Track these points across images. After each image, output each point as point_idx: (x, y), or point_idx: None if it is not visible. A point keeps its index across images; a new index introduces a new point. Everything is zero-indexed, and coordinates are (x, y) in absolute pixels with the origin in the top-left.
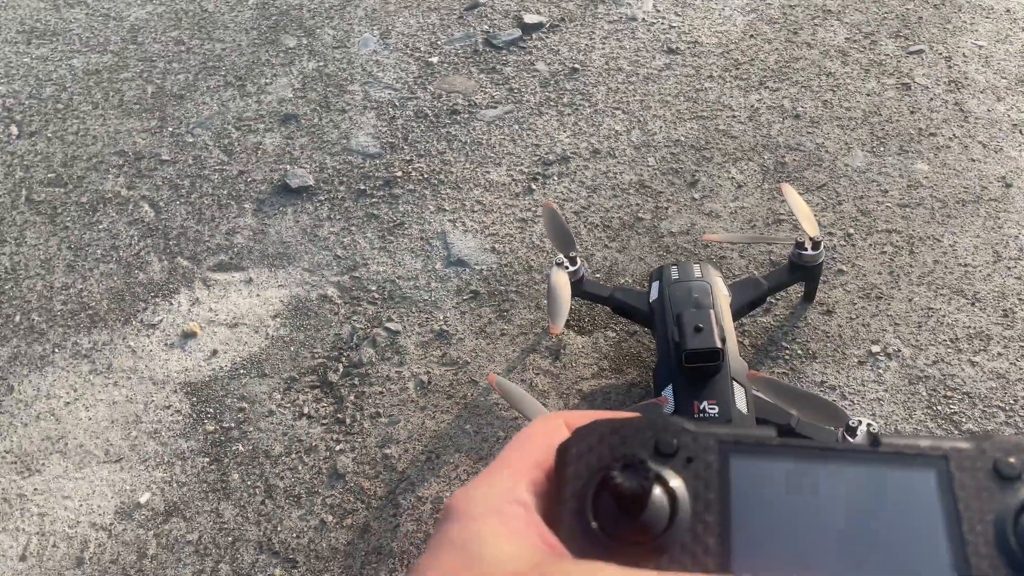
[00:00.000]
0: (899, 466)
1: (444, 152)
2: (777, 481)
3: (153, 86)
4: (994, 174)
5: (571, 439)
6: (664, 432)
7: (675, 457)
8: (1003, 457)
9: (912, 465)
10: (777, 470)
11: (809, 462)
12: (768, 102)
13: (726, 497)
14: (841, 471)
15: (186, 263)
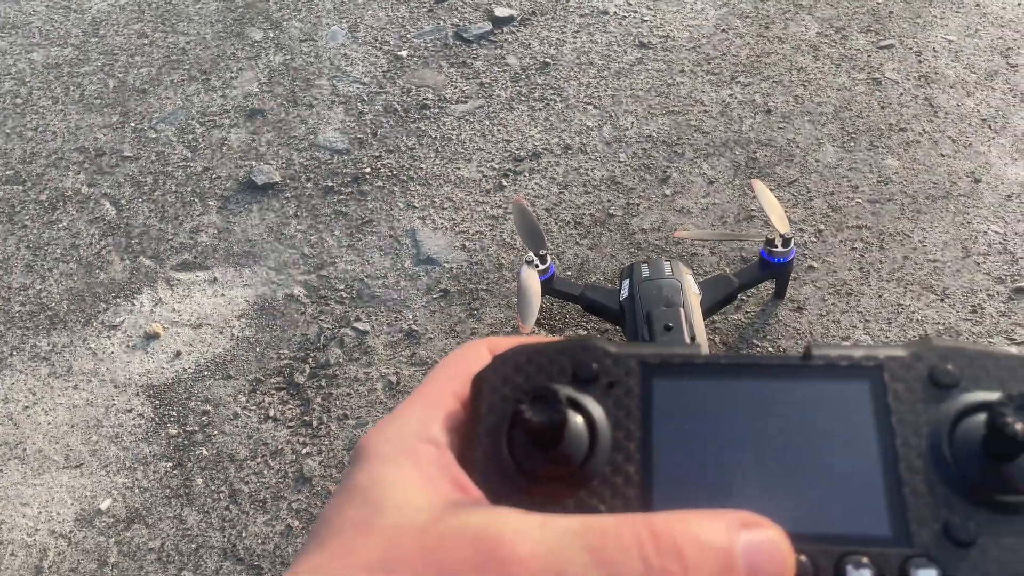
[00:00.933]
0: (831, 379)
1: (413, 148)
2: (703, 402)
3: (115, 80)
4: (963, 169)
5: (486, 369)
6: (583, 356)
7: (595, 383)
8: (940, 364)
9: (844, 377)
10: (703, 390)
11: (737, 379)
12: (740, 97)
13: (647, 423)
14: (771, 387)
15: (149, 262)
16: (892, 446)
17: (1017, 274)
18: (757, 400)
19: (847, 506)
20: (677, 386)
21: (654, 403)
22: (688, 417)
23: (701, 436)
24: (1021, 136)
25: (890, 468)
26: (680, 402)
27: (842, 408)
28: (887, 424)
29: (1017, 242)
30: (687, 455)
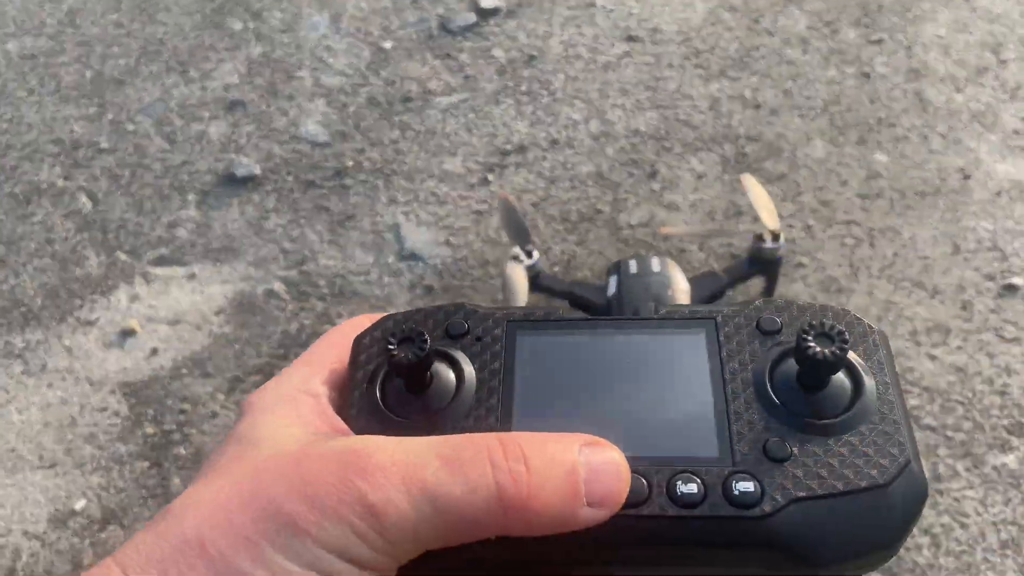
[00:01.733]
0: (673, 329)
1: (397, 141)
2: (561, 352)
3: (92, 71)
4: (953, 165)
5: (366, 330)
6: (455, 316)
7: (464, 337)
8: (767, 315)
9: (685, 327)
10: (562, 342)
11: (591, 331)
12: (729, 91)
13: (510, 370)
14: (622, 338)
15: (125, 257)
16: (723, 383)
17: (1007, 270)
18: (609, 349)
19: (682, 434)
20: (538, 339)
21: (516, 353)
22: (546, 365)
23: (557, 380)
24: (1011, 132)
25: (720, 401)
26: (540, 352)
27: (682, 353)
28: (719, 366)
29: (1006, 239)
30: (543, 396)
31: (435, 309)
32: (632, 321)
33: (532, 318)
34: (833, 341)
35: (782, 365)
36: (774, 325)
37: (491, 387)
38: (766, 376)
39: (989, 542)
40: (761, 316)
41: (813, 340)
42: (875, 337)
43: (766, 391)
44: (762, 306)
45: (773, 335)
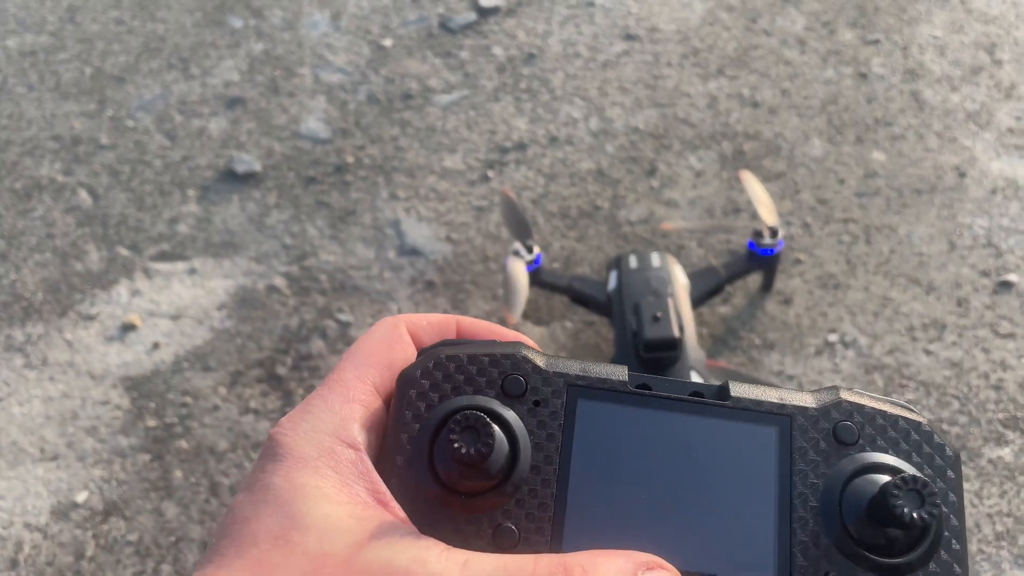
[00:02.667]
0: (744, 421)
1: (397, 138)
2: (621, 430)
3: (92, 68)
4: (949, 164)
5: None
6: (514, 371)
7: (522, 399)
8: (843, 420)
9: (756, 421)
10: (622, 418)
11: (656, 410)
12: (727, 90)
13: (568, 447)
14: (686, 422)
15: (126, 252)
16: (789, 495)
17: (1002, 267)
18: (672, 434)
19: (738, 550)
20: (599, 412)
21: (576, 427)
22: (605, 445)
23: (615, 466)
24: (1005, 131)
25: (784, 516)
26: (600, 429)
27: (749, 451)
28: (788, 473)
29: (1001, 235)
30: (600, 484)
31: (491, 358)
32: (701, 405)
33: (595, 385)
34: (923, 501)
35: (854, 486)
36: (851, 435)
37: (547, 469)
38: (836, 496)
39: (984, 534)
40: (838, 421)
41: (902, 497)
42: (952, 462)
43: (834, 514)
44: (837, 405)
45: (849, 447)
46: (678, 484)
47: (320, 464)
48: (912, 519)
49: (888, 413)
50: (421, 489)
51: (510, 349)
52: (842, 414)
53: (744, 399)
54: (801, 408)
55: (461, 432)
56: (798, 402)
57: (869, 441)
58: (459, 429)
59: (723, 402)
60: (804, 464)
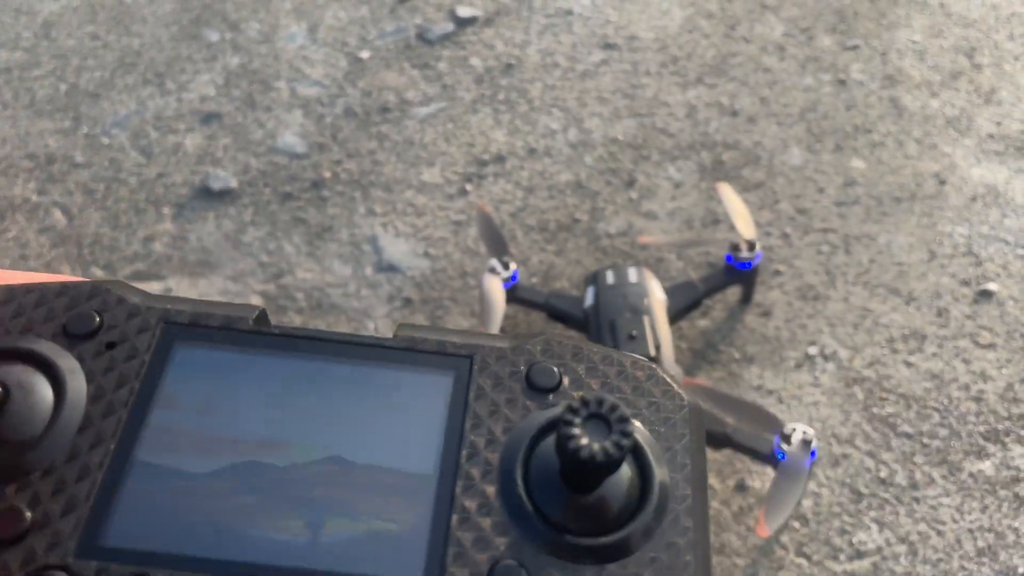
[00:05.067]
0: (408, 366)
1: (375, 152)
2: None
3: (67, 84)
4: (928, 171)
5: None
6: (85, 304)
7: (90, 339)
8: (542, 362)
9: (425, 365)
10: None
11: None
12: (706, 99)
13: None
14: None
15: (100, 273)
16: (455, 459)
17: (982, 276)
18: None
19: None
20: (206, 356)
21: (167, 374)
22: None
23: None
24: (985, 137)
25: (445, 490)
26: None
27: (412, 407)
28: (459, 430)
29: (982, 244)
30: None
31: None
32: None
33: (203, 322)
34: (611, 429)
35: (547, 443)
36: (550, 379)
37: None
38: (518, 460)
39: (966, 549)
40: (534, 364)
41: (579, 425)
42: (683, 414)
43: (513, 480)
44: (541, 347)
45: (545, 394)
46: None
47: None
48: (592, 454)
49: (605, 354)
50: None
51: (98, 281)
52: (544, 355)
53: (412, 338)
54: (489, 348)
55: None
56: (487, 342)
57: (575, 388)
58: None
59: (381, 341)
60: (484, 417)
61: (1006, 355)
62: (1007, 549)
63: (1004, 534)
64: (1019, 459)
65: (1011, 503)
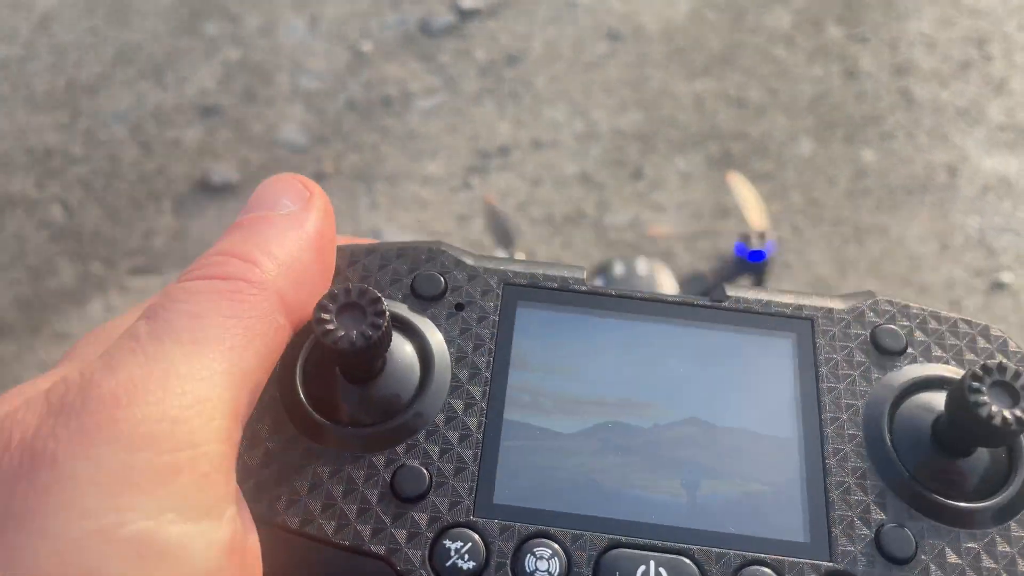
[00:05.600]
0: (748, 326)
1: (377, 145)
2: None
3: (65, 78)
4: (939, 162)
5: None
6: (428, 266)
7: (439, 301)
8: (884, 324)
9: (766, 327)
10: (582, 327)
11: (627, 317)
12: (713, 90)
13: (504, 362)
14: (668, 332)
15: (100, 267)
16: (818, 422)
17: (995, 267)
18: (648, 348)
19: (753, 500)
20: (548, 317)
21: (515, 336)
22: (555, 361)
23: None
24: (996, 127)
25: (813, 451)
26: (547, 339)
27: (759, 367)
28: (814, 393)
29: (994, 234)
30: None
31: (398, 250)
32: (685, 307)
33: (540, 284)
34: (1018, 398)
35: (908, 407)
36: (897, 342)
37: (472, 383)
38: (885, 422)
39: None
40: (877, 325)
41: (987, 392)
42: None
43: (883, 445)
44: (874, 308)
45: (895, 356)
46: (658, 415)
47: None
48: (1004, 421)
49: (943, 315)
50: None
51: (427, 243)
52: (882, 316)
53: (747, 299)
54: (825, 310)
55: (338, 312)
56: (821, 303)
57: (921, 350)
58: (333, 308)
59: (718, 303)
60: (835, 380)
61: None
62: None
63: None
64: None
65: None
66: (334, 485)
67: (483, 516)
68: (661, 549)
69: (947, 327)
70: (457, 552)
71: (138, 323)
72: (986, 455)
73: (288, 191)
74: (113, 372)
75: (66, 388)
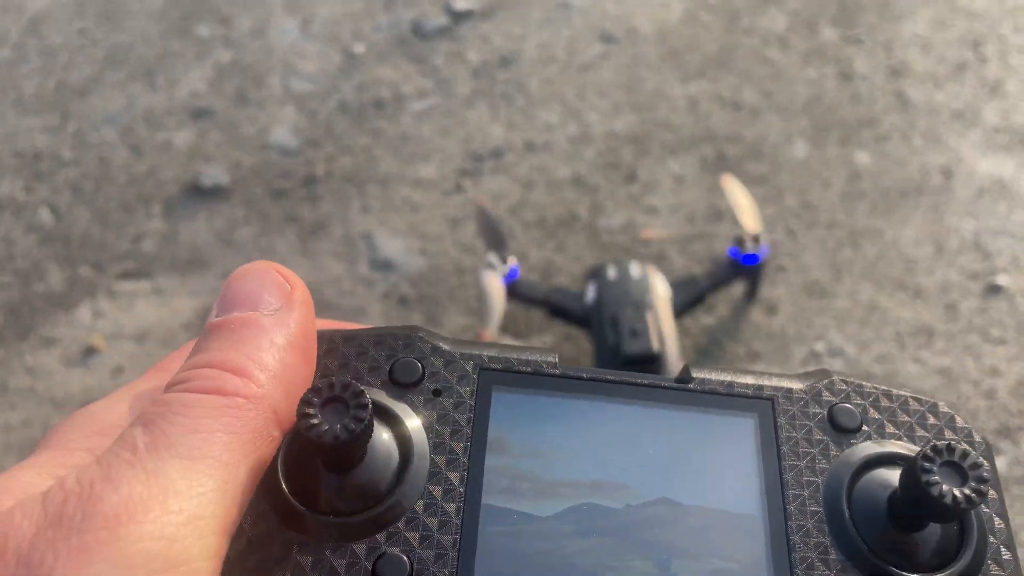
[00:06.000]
0: (713, 408)
1: (369, 147)
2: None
3: (54, 81)
4: (935, 164)
5: None
6: (405, 352)
7: (417, 387)
8: (841, 403)
9: (729, 407)
10: (555, 409)
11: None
12: (707, 92)
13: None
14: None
15: (89, 272)
16: (781, 500)
17: (991, 270)
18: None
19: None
20: (523, 402)
21: (491, 420)
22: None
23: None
24: (992, 129)
25: (777, 528)
26: (521, 423)
27: (723, 448)
28: (776, 472)
29: (989, 238)
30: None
31: (375, 337)
32: (653, 389)
33: (514, 369)
34: (967, 477)
35: (865, 482)
36: (852, 420)
37: (450, 470)
38: (844, 498)
39: None
40: (834, 404)
41: (938, 472)
42: (983, 451)
43: (843, 520)
44: (830, 388)
45: (851, 434)
46: (629, 495)
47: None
48: (955, 499)
49: (894, 393)
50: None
51: (404, 329)
52: (837, 395)
53: (711, 380)
54: (784, 390)
55: (321, 407)
56: (780, 383)
57: (875, 427)
58: (317, 402)
59: (684, 386)
60: (796, 458)
61: (1017, 350)
62: (1020, 547)
63: (1016, 532)
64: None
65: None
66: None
67: None
68: None
69: (898, 404)
70: None
71: (134, 431)
72: (938, 529)
73: (268, 286)
74: (115, 487)
75: (65, 497)
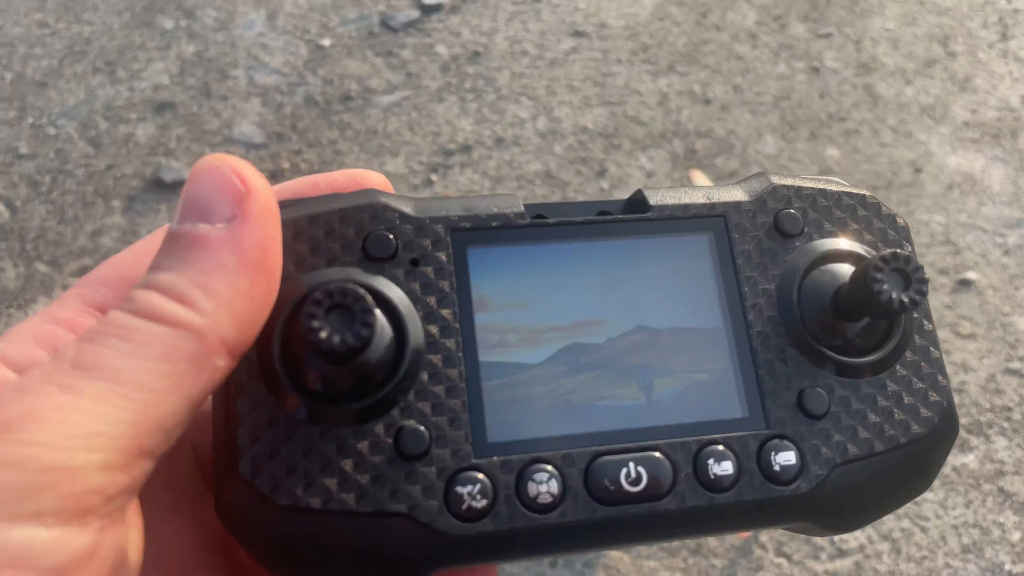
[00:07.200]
0: (670, 232)
1: (336, 141)
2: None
3: (12, 73)
4: (904, 159)
5: None
6: (375, 226)
7: (393, 260)
8: (784, 209)
9: (685, 230)
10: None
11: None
12: (678, 87)
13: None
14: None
15: (45, 268)
16: (741, 309)
17: (960, 265)
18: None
19: (700, 388)
20: (496, 255)
21: (471, 282)
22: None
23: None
24: (961, 125)
25: (740, 335)
26: (502, 277)
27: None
28: (734, 283)
29: (959, 232)
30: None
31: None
32: (616, 224)
33: (485, 225)
34: (910, 283)
35: (811, 281)
36: (795, 225)
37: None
38: (794, 296)
39: (950, 546)
40: (779, 212)
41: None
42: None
43: (794, 319)
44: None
45: (795, 238)
46: (608, 329)
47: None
48: (901, 303)
49: (829, 191)
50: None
51: (364, 199)
52: (780, 202)
53: (666, 206)
54: (734, 205)
55: (325, 316)
56: (729, 197)
57: (815, 227)
58: (321, 312)
59: (642, 215)
60: (750, 269)
61: (987, 345)
62: (992, 545)
63: (989, 530)
64: (1003, 452)
65: (996, 497)
66: (343, 460)
67: (483, 457)
68: (635, 450)
69: (833, 202)
70: (469, 495)
71: (69, 347)
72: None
73: (220, 192)
74: (21, 397)
75: None
